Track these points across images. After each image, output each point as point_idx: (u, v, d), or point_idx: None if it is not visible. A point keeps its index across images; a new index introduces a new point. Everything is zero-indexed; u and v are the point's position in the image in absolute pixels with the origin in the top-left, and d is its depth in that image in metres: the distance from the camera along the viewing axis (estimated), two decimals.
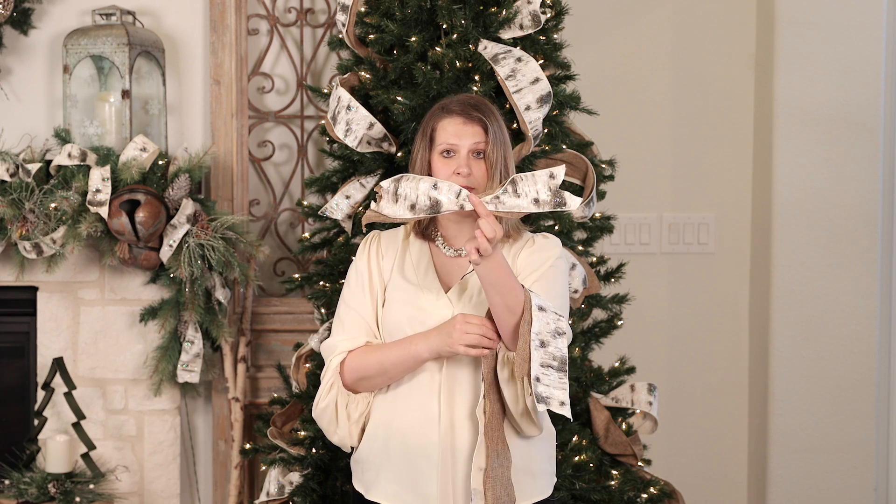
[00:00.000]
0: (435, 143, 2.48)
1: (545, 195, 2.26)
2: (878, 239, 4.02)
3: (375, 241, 2.59)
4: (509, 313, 2.31)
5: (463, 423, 2.43)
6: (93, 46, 3.80)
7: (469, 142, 2.46)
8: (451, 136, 2.46)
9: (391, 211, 2.24)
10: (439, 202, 2.25)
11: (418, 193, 2.24)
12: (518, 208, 2.28)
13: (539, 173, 2.27)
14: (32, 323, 3.96)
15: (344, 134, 3.01)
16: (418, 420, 2.45)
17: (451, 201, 2.24)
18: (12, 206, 3.70)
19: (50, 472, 3.78)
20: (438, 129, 2.48)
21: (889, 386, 4.12)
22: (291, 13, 4.13)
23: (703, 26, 4.26)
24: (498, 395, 2.39)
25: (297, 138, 4.14)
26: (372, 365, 2.46)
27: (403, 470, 2.46)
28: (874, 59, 3.98)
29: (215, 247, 3.73)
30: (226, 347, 3.92)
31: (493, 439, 2.37)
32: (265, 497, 3.20)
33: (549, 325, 2.30)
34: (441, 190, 2.26)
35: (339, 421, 2.52)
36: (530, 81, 2.92)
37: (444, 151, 2.46)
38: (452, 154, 2.46)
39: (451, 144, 2.46)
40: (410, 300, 2.49)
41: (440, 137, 2.47)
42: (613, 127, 4.00)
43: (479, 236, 2.24)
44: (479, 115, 2.48)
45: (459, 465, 2.42)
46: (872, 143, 4.00)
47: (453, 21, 2.97)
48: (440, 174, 2.45)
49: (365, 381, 2.48)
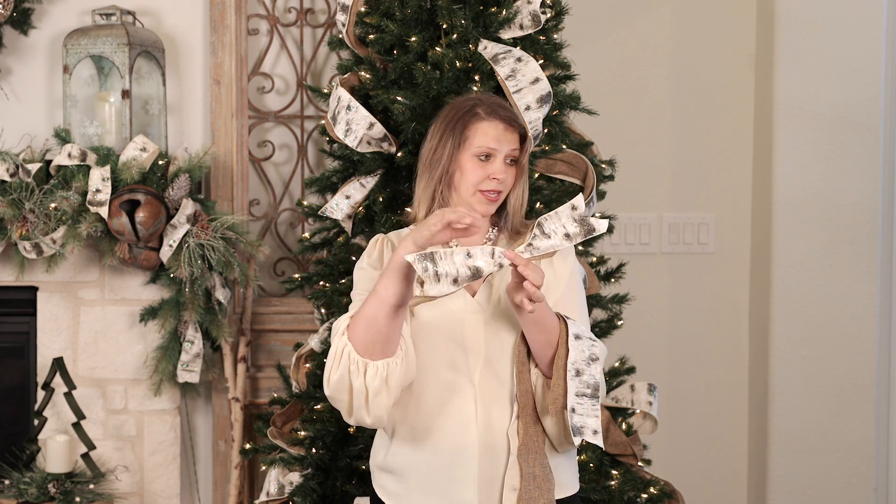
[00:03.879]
0: (470, 144, 2.42)
1: (573, 228, 2.26)
2: (878, 239, 4.02)
3: (387, 244, 2.51)
4: (549, 347, 2.29)
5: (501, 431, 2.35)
6: (93, 46, 3.80)
7: (507, 148, 2.43)
8: (492, 140, 2.42)
9: (437, 290, 2.19)
10: (479, 268, 2.20)
11: (457, 267, 2.19)
12: (553, 248, 2.27)
13: (561, 209, 2.27)
14: (32, 323, 3.96)
15: (344, 134, 3.01)
16: (453, 426, 2.35)
17: (489, 263, 2.20)
18: (12, 206, 3.70)
19: (50, 472, 3.78)
20: (477, 131, 2.43)
21: (889, 386, 4.12)
22: (291, 13, 4.13)
23: (703, 26, 4.26)
24: (535, 416, 2.33)
25: (297, 138, 4.14)
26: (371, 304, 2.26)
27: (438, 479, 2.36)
28: (874, 59, 3.98)
29: (215, 247, 3.73)
30: (226, 347, 3.92)
31: (528, 462, 2.31)
32: (265, 497, 3.20)
33: (583, 352, 2.28)
34: (476, 256, 2.21)
35: (353, 391, 2.29)
36: (530, 81, 2.92)
37: (482, 155, 2.42)
38: (488, 158, 2.42)
39: (490, 149, 2.41)
40: (437, 305, 2.39)
41: (479, 140, 2.42)
42: (613, 127, 4.00)
43: (529, 286, 2.18)
44: (518, 122, 2.47)
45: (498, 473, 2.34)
46: (872, 143, 4.00)
47: (453, 21, 2.97)
48: (472, 175, 2.41)
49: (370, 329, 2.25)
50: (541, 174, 3.08)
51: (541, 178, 3.09)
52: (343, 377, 2.28)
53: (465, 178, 2.41)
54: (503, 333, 2.37)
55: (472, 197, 2.42)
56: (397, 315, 2.26)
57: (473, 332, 2.37)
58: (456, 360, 2.36)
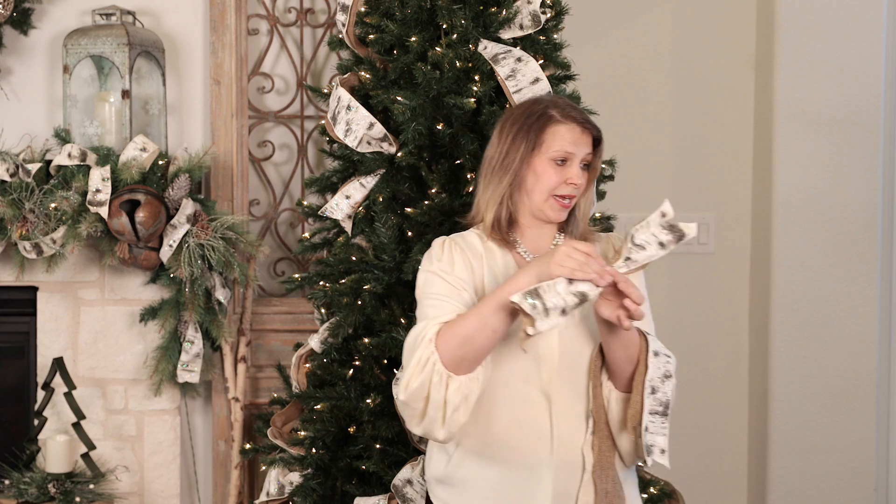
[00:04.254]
0: (547, 148, 2.34)
1: (665, 236, 2.18)
2: (878, 239, 4.02)
3: (457, 247, 2.40)
4: (630, 363, 2.25)
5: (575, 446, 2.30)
6: (93, 46, 3.80)
7: (584, 152, 2.37)
8: (570, 143, 2.35)
9: (547, 325, 2.12)
10: (584, 293, 2.13)
11: (563, 297, 2.12)
12: (649, 259, 2.20)
13: (651, 218, 2.20)
14: (32, 323, 3.96)
15: (344, 134, 3.01)
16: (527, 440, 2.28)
17: (592, 286, 2.14)
18: (12, 206, 3.70)
19: (50, 472, 3.78)
20: (554, 135, 2.35)
21: (889, 386, 4.12)
22: (291, 13, 4.13)
23: (703, 26, 4.26)
24: (608, 431, 2.30)
25: (297, 138, 4.14)
26: (470, 320, 2.19)
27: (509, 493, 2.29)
28: (874, 59, 3.98)
29: (215, 247, 3.73)
30: (226, 347, 3.92)
31: (602, 478, 2.28)
32: (265, 497, 3.20)
33: (659, 369, 2.24)
34: (576, 282, 2.14)
35: (431, 403, 2.21)
36: (530, 81, 2.92)
37: (559, 159, 2.34)
38: (564, 163, 2.35)
39: (568, 153, 2.35)
40: None
41: (556, 143, 2.34)
42: (613, 127, 3.99)
43: (630, 304, 2.13)
44: (593, 125, 2.39)
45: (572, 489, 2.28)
46: (872, 143, 4.00)
47: (453, 21, 2.97)
48: (549, 180, 2.34)
49: (465, 347, 2.19)
50: None
51: None
52: (423, 386, 2.20)
53: (541, 182, 2.35)
54: (577, 346, 2.32)
55: (545, 202, 2.36)
56: (497, 342, 2.21)
57: (547, 345, 2.30)
58: (529, 373, 2.30)
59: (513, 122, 2.41)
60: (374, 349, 2.96)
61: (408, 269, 2.93)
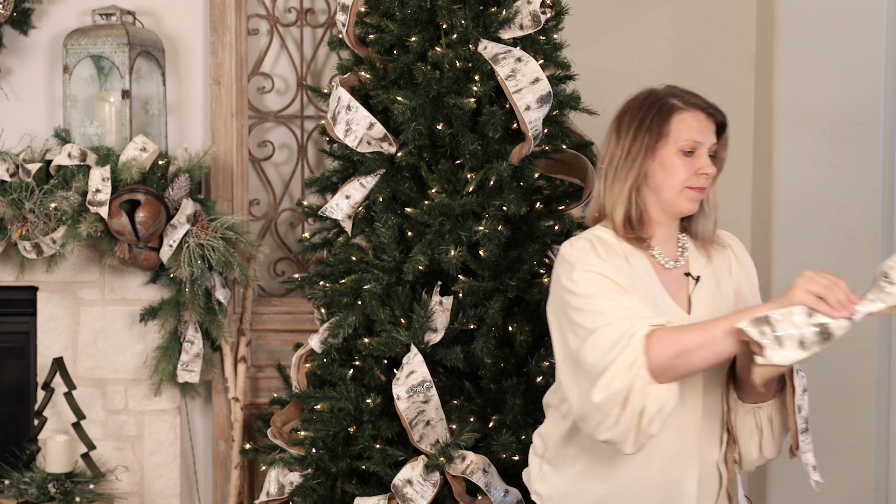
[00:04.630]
0: (675, 138, 2.23)
1: None
2: (878, 239, 4.02)
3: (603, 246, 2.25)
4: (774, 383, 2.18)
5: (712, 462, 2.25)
6: (93, 46, 3.80)
7: (710, 140, 2.26)
8: (696, 132, 2.23)
9: (783, 357, 1.97)
10: (827, 327, 1.96)
11: (801, 328, 1.97)
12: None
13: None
14: (32, 323, 3.96)
15: (344, 134, 3.01)
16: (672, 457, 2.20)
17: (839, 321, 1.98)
18: (12, 206, 3.70)
19: (50, 472, 3.78)
20: (680, 123, 2.24)
21: (889, 386, 4.12)
22: (291, 13, 4.13)
23: (703, 26, 4.26)
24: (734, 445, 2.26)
25: (297, 138, 4.14)
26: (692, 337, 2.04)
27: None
28: (874, 59, 3.98)
29: (215, 247, 3.73)
30: (226, 347, 3.92)
31: (735, 491, 2.26)
32: (265, 497, 3.20)
33: (799, 387, 2.15)
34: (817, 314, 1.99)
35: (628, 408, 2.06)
36: (530, 81, 2.92)
37: (688, 149, 2.23)
38: (692, 153, 2.23)
39: (696, 142, 2.23)
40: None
41: (682, 133, 2.23)
42: None
43: None
44: (717, 110, 2.28)
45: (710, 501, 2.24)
46: (872, 143, 4.00)
47: (453, 21, 2.97)
48: (680, 172, 2.23)
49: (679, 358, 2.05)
50: (541, 174, 3.08)
51: (541, 178, 3.09)
52: (623, 389, 2.05)
53: (671, 176, 2.23)
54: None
55: (678, 196, 2.24)
56: (713, 365, 2.10)
57: None
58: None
59: (631, 115, 2.31)
60: (374, 349, 2.96)
61: (408, 269, 2.93)
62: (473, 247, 2.97)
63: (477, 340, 2.95)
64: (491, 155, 2.98)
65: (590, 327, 2.12)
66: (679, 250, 2.31)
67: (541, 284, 2.97)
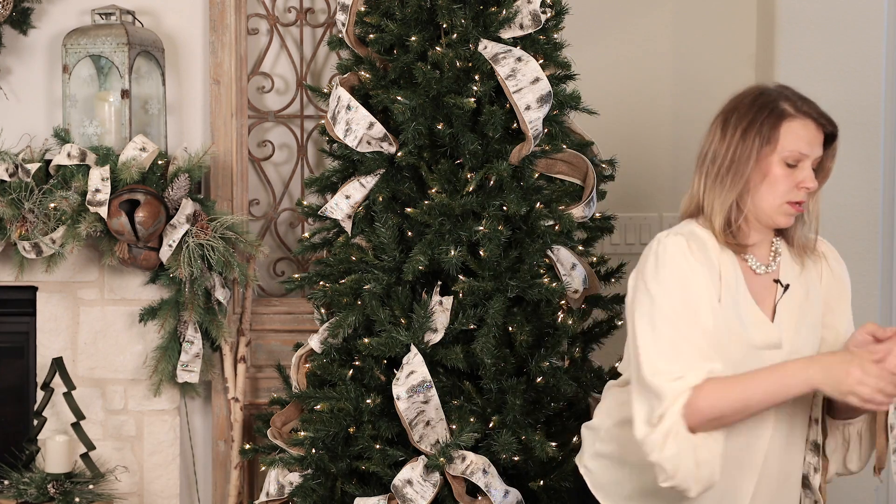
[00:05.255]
0: (781, 148, 2.12)
1: None
2: (878, 239, 4.02)
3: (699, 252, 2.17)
4: None
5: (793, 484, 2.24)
6: (92, 46, 3.80)
7: (817, 152, 2.16)
8: (805, 144, 2.13)
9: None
10: None
11: None
12: None
13: None
14: (32, 323, 3.96)
15: (344, 134, 3.01)
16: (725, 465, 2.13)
17: None
18: (12, 206, 3.70)
19: (49, 472, 3.77)
20: (788, 132, 2.13)
21: None
22: (291, 13, 4.13)
23: (703, 26, 4.26)
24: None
25: (296, 138, 4.14)
26: (733, 402, 2.02)
27: None
28: (874, 59, 3.98)
29: (215, 247, 3.72)
30: (225, 347, 3.92)
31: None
32: (265, 497, 3.20)
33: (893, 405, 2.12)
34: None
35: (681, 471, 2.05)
36: (530, 81, 2.92)
37: (792, 160, 2.13)
38: (797, 164, 2.14)
39: (803, 154, 2.13)
40: (741, 335, 2.14)
41: (790, 143, 2.12)
42: (613, 127, 4.00)
43: None
44: (830, 122, 2.18)
45: None
46: (872, 143, 3.99)
47: (453, 21, 2.97)
48: (782, 185, 2.13)
49: (718, 420, 2.04)
50: (541, 174, 3.08)
51: (541, 178, 3.09)
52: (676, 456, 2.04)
53: (774, 187, 2.14)
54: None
55: (777, 209, 2.16)
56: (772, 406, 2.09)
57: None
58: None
59: (740, 115, 2.19)
60: (374, 349, 2.96)
61: (408, 269, 2.93)
62: (473, 247, 2.97)
63: (477, 340, 2.95)
64: (491, 155, 2.98)
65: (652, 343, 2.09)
66: (772, 255, 2.26)
67: (541, 284, 2.97)
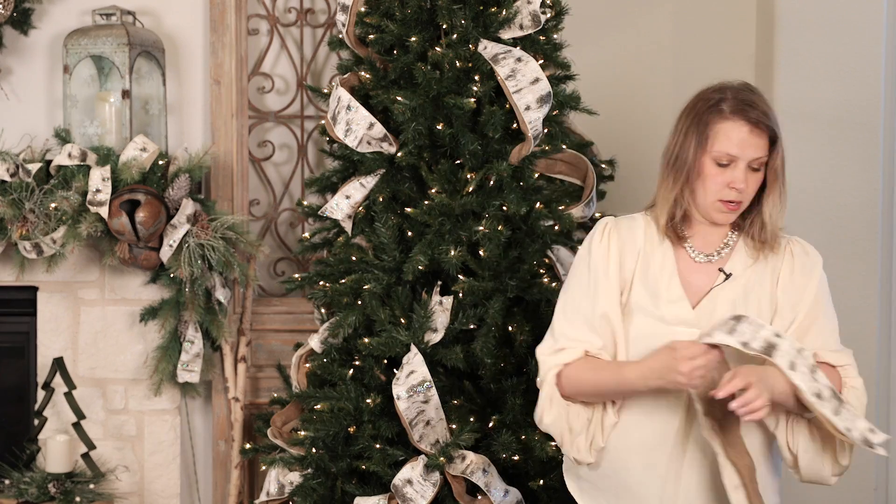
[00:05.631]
0: (710, 147, 2.17)
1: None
2: (878, 239, 4.02)
3: (615, 233, 2.30)
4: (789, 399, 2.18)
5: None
6: (93, 46, 3.80)
7: (751, 154, 2.18)
8: (734, 146, 2.17)
9: (721, 339, 2.09)
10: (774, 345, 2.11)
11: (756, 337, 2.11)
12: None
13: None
14: (32, 323, 3.96)
15: (344, 134, 3.02)
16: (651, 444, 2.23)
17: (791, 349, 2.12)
18: (12, 206, 3.70)
19: (50, 471, 3.78)
20: (718, 133, 2.17)
21: (889, 386, 4.12)
22: (291, 13, 4.13)
23: (703, 26, 4.26)
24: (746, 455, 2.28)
25: (297, 138, 4.14)
26: (586, 385, 2.23)
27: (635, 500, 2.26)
28: (874, 59, 3.98)
29: (215, 247, 3.73)
30: (226, 347, 3.92)
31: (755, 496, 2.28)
32: (265, 497, 3.20)
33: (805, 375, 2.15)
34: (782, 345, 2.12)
35: (570, 433, 2.27)
36: (530, 81, 2.92)
37: (722, 160, 2.17)
38: (727, 164, 2.18)
39: (730, 156, 2.17)
40: (653, 312, 2.22)
41: (719, 144, 2.17)
42: (613, 127, 4.00)
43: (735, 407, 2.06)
44: (768, 123, 2.22)
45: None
46: (872, 143, 3.99)
47: (453, 21, 2.97)
48: (710, 183, 2.19)
49: (582, 396, 2.25)
50: (541, 174, 3.09)
51: (541, 178, 3.09)
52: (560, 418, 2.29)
53: (705, 184, 2.20)
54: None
55: (711, 205, 2.21)
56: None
57: None
58: None
59: (688, 111, 2.26)
60: (374, 349, 2.96)
61: (408, 269, 2.93)
62: (473, 247, 2.97)
63: (477, 340, 2.95)
64: (491, 155, 2.98)
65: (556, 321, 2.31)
66: (721, 246, 2.28)
67: (541, 284, 2.97)
